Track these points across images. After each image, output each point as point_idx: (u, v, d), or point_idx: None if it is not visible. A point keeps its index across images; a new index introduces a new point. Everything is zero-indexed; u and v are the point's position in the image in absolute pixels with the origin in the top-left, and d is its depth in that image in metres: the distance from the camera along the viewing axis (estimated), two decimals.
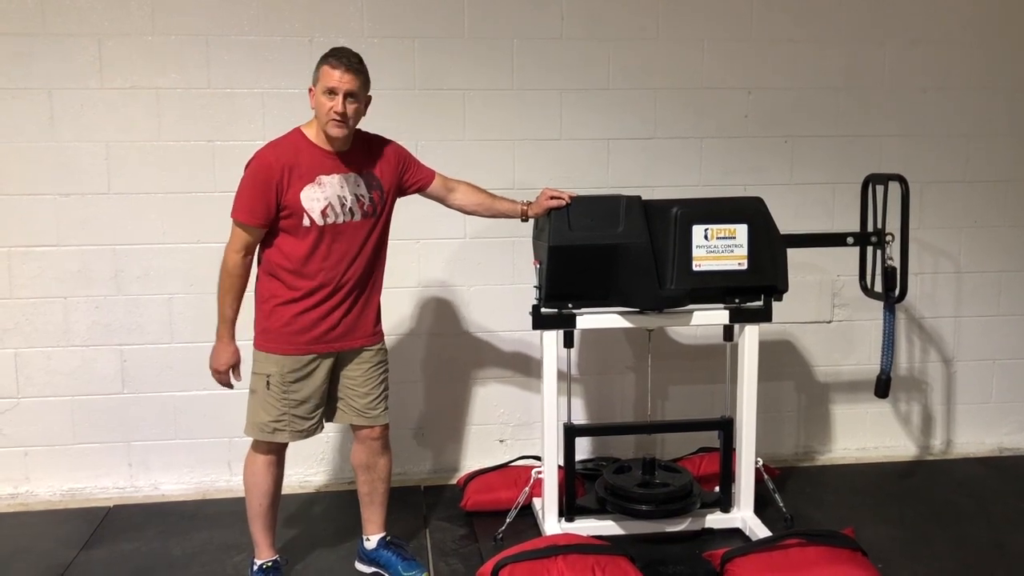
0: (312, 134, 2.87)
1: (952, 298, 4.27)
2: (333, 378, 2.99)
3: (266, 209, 2.78)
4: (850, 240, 3.52)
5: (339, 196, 2.83)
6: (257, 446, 2.98)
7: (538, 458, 3.52)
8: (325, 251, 2.84)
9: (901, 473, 4.08)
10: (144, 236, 3.75)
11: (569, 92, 3.93)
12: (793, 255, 4.17)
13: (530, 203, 3.17)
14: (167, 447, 3.87)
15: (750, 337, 3.31)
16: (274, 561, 3.05)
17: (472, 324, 4.00)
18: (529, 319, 3.23)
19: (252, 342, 2.93)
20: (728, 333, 3.37)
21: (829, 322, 4.22)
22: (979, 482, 3.96)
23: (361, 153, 2.93)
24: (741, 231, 3.16)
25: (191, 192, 3.76)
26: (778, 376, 4.19)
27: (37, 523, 3.62)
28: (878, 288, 3.50)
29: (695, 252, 3.13)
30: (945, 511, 3.65)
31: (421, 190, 3.12)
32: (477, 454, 4.06)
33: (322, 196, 2.81)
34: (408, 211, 3.76)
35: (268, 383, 2.88)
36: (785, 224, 4.11)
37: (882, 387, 3.49)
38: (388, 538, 3.15)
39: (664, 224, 3.14)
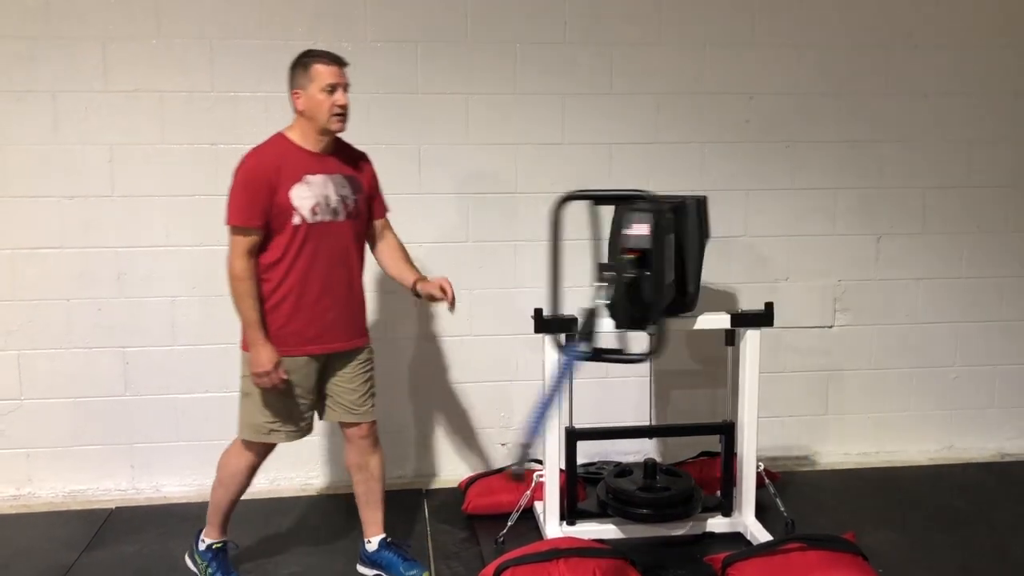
0: (296, 137, 2.91)
1: (955, 303, 4.27)
2: (322, 378, 3.02)
3: (262, 210, 2.81)
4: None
5: (325, 195, 2.88)
6: (248, 447, 3.01)
7: (539, 461, 3.52)
8: (313, 251, 2.87)
9: (902, 478, 4.08)
10: (147, 238, 3.77)
11: (571, 97, 3.94)
12: (797, 258, 4.19)
13: (422, 280, 3.04)
14: (169, 449, 3.88)
15: (752, 341, 3.31)
16: (224, 543, 3.11)
17: (474, 327, 4.00)
18: (531, 323, 3.24)
19: (240, 345, 2.93)
20: (730, 337, 3.38)
21: (831, 327, 4.22)
22: (981, 487, 3.95)
23: (344, 157, 2.99)
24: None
25: (194, 195, 3.77)
26: (780, 380, 4.19)
27: (39, 524, 3.63)
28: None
29: None
30: (946, 516, 3.65)
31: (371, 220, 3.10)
32: (479, 457, 4.07)
33: (310, 194, 2.85)
34: (408, 214, 3.77)
35: None
36: (787, 229, 4.15)
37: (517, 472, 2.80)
38: (388, 539, 3.16)
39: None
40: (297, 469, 3.94)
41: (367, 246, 3.11)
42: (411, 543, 3.31)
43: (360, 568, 3.18)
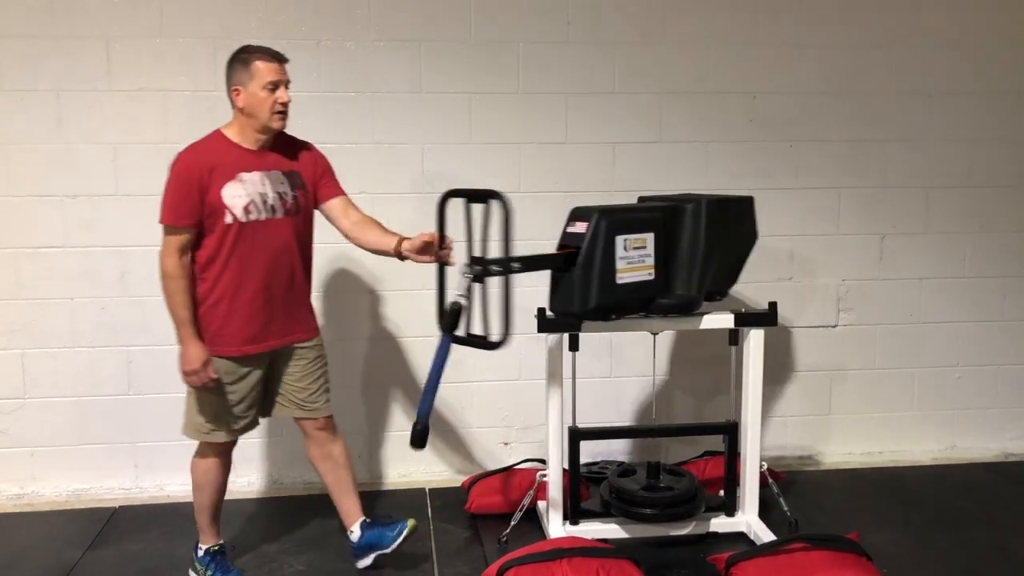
0: (233, 134, 2.89)
1: (957, 303, 4.27)
2: (271, 376, 3.02)
3: (191, 209, 2.79)
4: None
5: (260, 193, 2.85)
6: (203, 448, 3.03)
7: (543, 461, 3.52)
8: (248, 250, 2.85)
9: (906, 478, 4.08)
10: (151, 237, 3.70)
11: (574, 96, 3.93)
12: (800, 258, 4.19)
13: (405, 238, 2.95)
14: (172, 448, 3.85)
15: (755, 341, 3.31)
16: (220, 545, 3.11)
17: (476, 327, 3.99)
18: (535, 322, 3.24)
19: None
20: (733, 337, 3.38)
21: (834, 326, 4.22)
22: (984, 487, 3.95)
23: (284, 152, 2.95)
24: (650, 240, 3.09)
25: None
26: (783, 380, 4.19)
27: (43, 523, 3.63)
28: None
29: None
30: (950, 516, 3.65)
31: (323, 202, 3.04)
32: (481, 457, 4.07)
33: (244, 193, 2.83)
34: (411, 213, 3.77)
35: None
36: (791, 228, 4.14)
37: (418, 438, 2.91)
38: (368, 520, 3.16)
39: None
40: (298, 468, 3.93)
41: (353, 232, 3.01)
42: (392, 514, 3.29)
43: (359, 563, 3.16)
